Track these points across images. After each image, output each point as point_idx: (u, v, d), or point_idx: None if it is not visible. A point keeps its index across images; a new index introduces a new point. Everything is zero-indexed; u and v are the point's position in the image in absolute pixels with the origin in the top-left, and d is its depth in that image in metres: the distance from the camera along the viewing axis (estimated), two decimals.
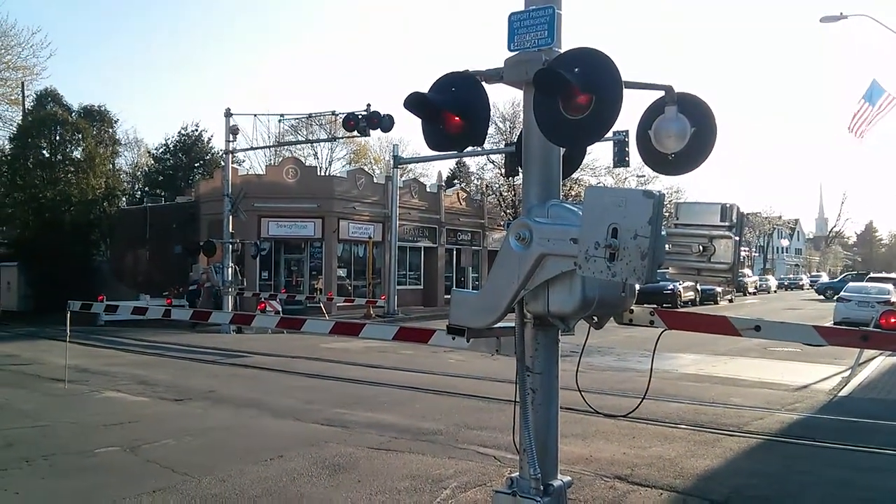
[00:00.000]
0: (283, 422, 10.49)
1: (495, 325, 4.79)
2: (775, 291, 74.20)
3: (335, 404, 11.71)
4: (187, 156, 53.46)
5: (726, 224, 4.47)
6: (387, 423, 10.21)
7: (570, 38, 4.73)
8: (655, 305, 5.48)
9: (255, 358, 18.32)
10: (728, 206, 4.51)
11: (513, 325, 4.76)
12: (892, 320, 4.31)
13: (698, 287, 42.26)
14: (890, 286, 30.18)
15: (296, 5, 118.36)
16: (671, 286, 38.46)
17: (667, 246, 4.27)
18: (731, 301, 49.04)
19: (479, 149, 34.46)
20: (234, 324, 25.20)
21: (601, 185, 49.31)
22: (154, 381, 14.33)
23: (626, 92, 4.25)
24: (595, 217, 4.02)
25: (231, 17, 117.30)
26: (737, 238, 4.41)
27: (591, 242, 4.01)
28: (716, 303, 45.80)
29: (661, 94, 4.71)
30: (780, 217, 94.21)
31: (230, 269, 27.24)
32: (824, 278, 71.53)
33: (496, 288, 4.64)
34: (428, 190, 43.61)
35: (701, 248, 4.51)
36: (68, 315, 12.89)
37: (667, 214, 4.49)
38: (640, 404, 5.82)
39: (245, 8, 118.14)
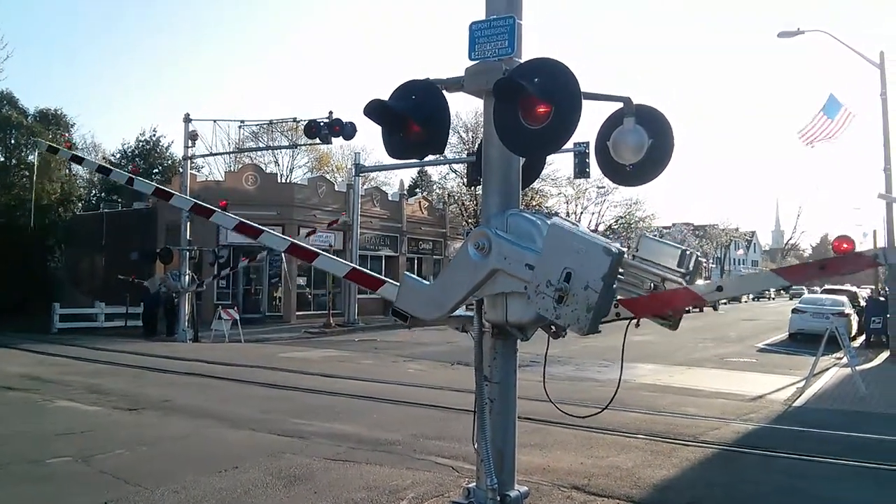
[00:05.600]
0: (238, 432, 10.35)
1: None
2: (746, 301, 74.81)
3: (292, 414, 11.59)
4: (145, 161, 52.74)
5: (682, 271, 4.51)
6: (344, 434, 10.12)
7: (531, 49, 4.76)
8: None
9: (211, 367, 18.06)
10: (688, 253, 4.57)
11: (455, 314, 4.81)
12: (845, 246, 4.36)
13: None
14: (844, 298, 30.72)
15: (259, 13, 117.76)
16: None
17: (621, 271, 4.29)
18: (699, 310, 49.12)
19: (441, 158, 34.62)
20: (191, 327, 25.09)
21: (562, 195, 49.70)
22: (108, 390, 14.05)
23: (585, 103, 4.28)
24: (552, 256, 4.09)
25: (192, 23, 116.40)
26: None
27: (543, 279, 4.08)
28: (688, 311, 46.04)
29: (620, 105, 4.75)
30: (736, 229, 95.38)
31: (187, 277, 26.86)
32: None
33: (447, 287, 4.68)
34: (390, 199, 43.47)
35: (652, 286, 4.55)
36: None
37: (629, 224, 4.51)
38: (610, 403, 5.79)
39: (207, 15, 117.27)
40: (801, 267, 4.75)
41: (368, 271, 5.83)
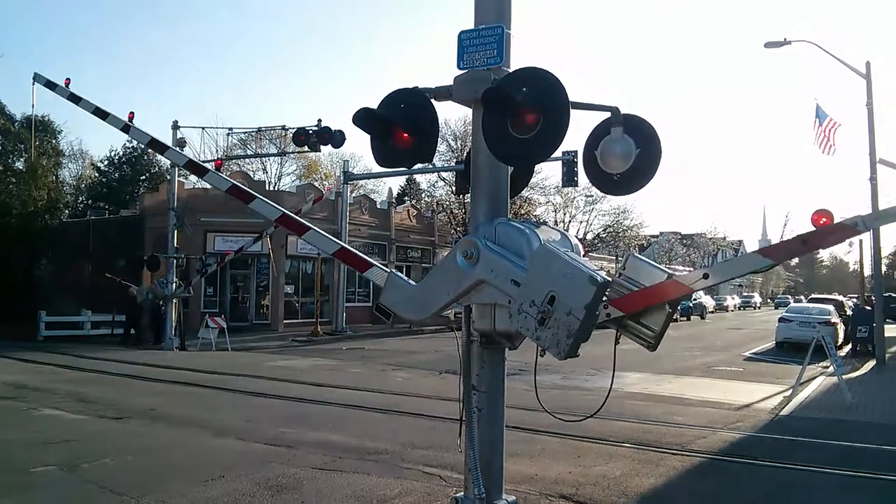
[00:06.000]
0: (225, 441, 10.29)
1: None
2: (732, 310, 75.07)
3: (279, 423, 11.54)
4: (132, 168, 52.56)
5: None
6: (332, 443, 10.08)
7: (520, 58, 4.77)
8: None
9: (197, 375, 17.96)
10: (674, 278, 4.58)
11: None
12: (823, 220, 4.35)
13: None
14: (831, 307, 30.85)
15: (247, 21, 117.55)
16: None
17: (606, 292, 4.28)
18: (687, 319, 49.37)
19: (430, 166, 34.57)
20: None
21: (550, 203, 49.79)
22: (94, 398, 13.96)
23: (573, 112, 4.29)
24: (538, 277, 4.11)
25: (182, 30, 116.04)
26: (670, 310, 4.46)
27: (527, 299, 4.10)
28: (676, 320, 46.16)
29: (608, 115, 4.76)
30: (724, 238, 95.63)
31: (174, 285, 26.73)
32: None
33: (432, 290, 4.71)
34: (378, 206, 43.47)
35: None
36: None
37: (617, 233, 4.50)
38: (599, 409, 5.80)
39: (196, 22, 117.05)
40: (783, 244, 4.66)
41: (357, 252, 5.82)
